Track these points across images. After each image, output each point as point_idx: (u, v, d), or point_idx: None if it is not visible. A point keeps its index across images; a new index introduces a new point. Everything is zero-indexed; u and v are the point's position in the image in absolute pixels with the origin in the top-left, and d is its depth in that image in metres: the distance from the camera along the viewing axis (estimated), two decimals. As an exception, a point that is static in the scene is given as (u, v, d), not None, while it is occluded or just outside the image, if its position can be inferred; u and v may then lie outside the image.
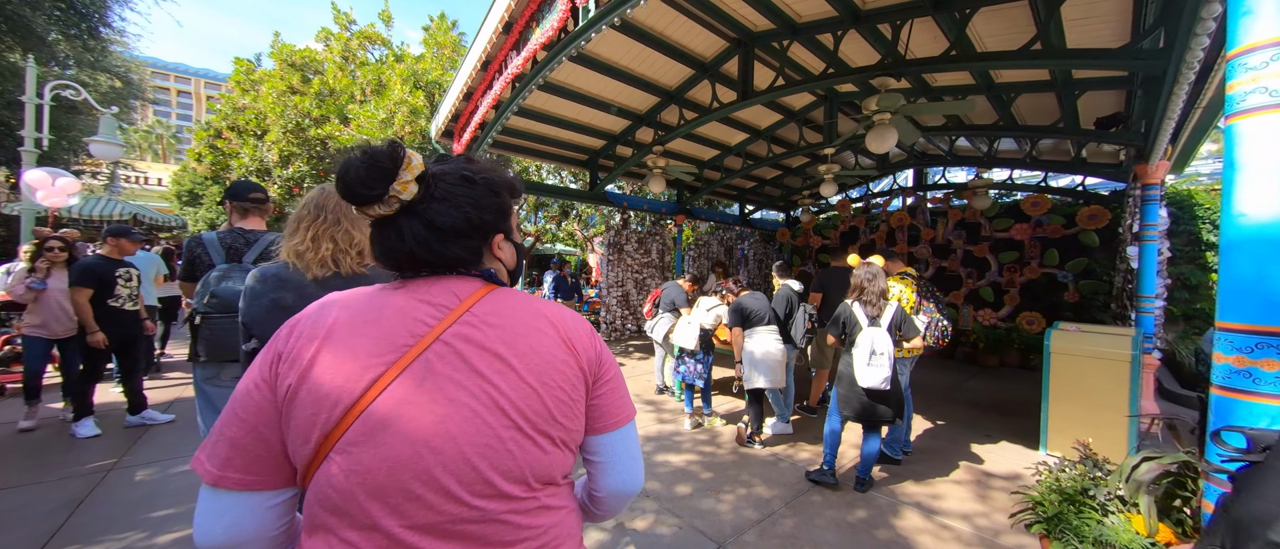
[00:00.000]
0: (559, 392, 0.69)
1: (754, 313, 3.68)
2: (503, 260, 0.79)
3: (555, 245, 18.29)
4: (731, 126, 7.00)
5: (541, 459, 0.66)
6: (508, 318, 0.70)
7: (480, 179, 0.73)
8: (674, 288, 4.95)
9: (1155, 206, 4.17)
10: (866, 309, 2.95)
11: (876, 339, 2.83)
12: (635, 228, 8.22)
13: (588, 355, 0.75)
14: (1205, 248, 6.72)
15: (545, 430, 0.67)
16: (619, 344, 8.25)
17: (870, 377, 2.81)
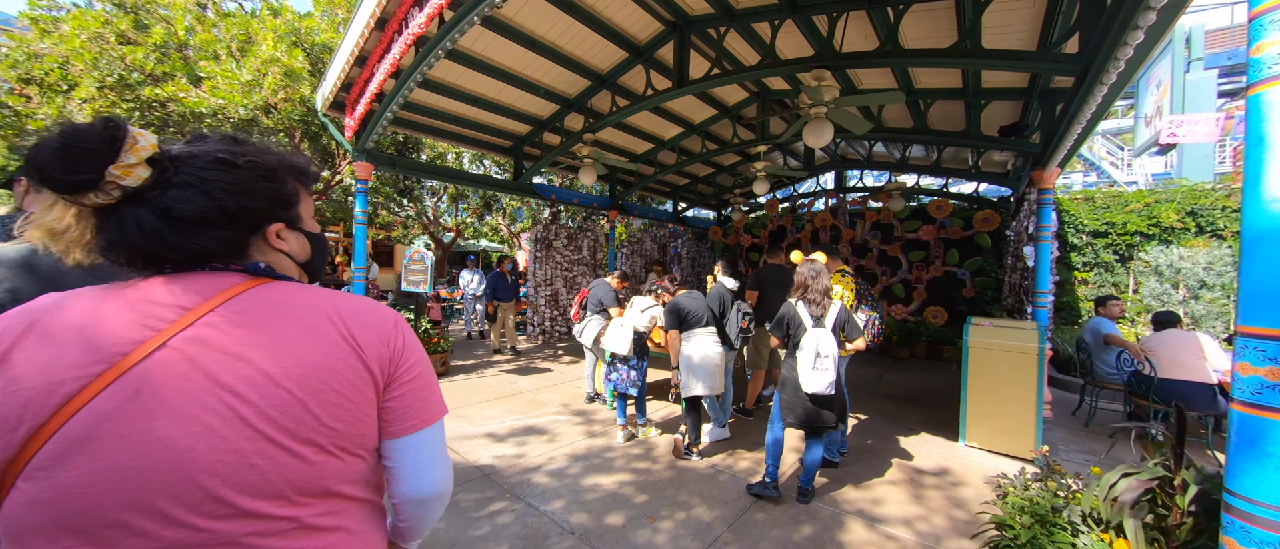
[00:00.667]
0: (330, 394, 0.64)
1: (691, 314, 3.39)
2: (288, 253, 0.74)
3: (479, 241, 17.01)
4: (666, 119, 6.75)
5: (304, 471, 0.62)
6: (267, 316, 0.65)
7: (245, 162, 0.67)
8: (602, 286, 4.56)
9: (1049, 209, 4.52)
10: (810, 309, 2.76)
11: (821, 341, 2.65)
12: (566, 222, 7.70)
13: (377, 353, 0.69)
14: (1070, 249, 7.67)
15: (309, 438, 0.62)
16: (548, 347, 7.67)
17: (815, 381, 2.62)
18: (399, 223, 13.42)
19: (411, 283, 5.02)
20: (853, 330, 2.74)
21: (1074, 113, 3.08)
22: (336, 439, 0.64)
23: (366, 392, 0.67)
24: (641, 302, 3.76)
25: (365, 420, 0.67)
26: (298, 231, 0.74)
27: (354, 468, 0.67)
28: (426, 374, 0.75)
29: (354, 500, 0.68)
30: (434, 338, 5.50)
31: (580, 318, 4.69)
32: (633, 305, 3.78)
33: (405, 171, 5.64)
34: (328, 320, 0.66)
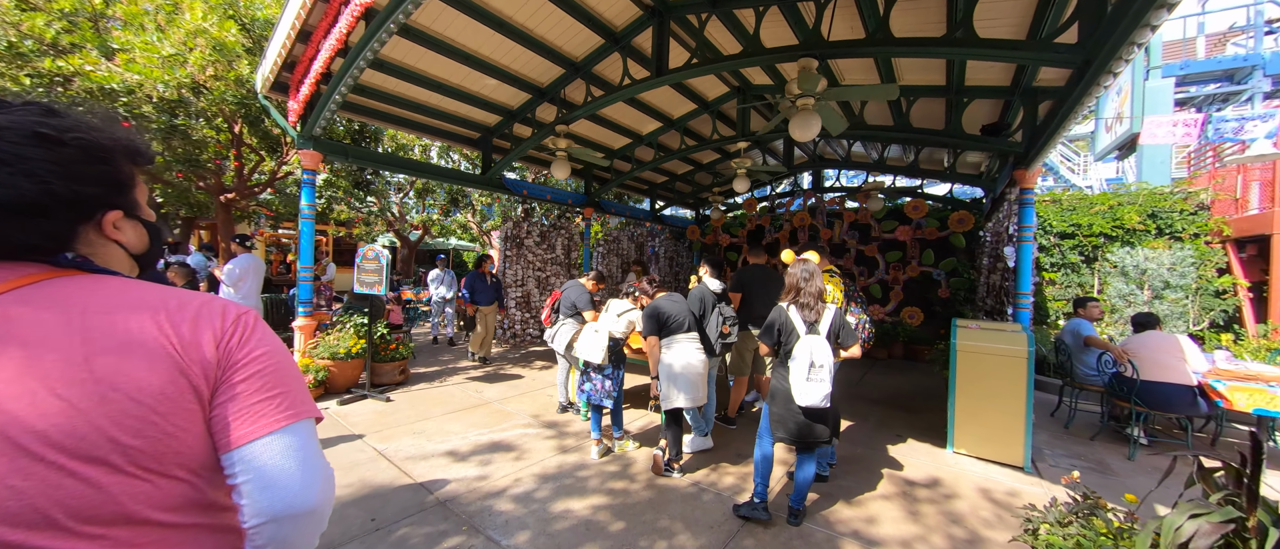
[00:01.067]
0: (128, 404, 0.55)
1: (672, 318, 3.12)
2: (123, 244, 0.67)
3: (448, 239, 16.33)
4: (643, 112, 6.47)
5: (87, 495, 0.53)
6: (55, 313, 0.56)
7: (72, 138, 0.60)
8: (576, 289, 4.24)
9: (1032, 209, 4.46)
10: (803, 313, 2.53)
11: (815, 349, 2.42)
12: (538, 220, 7.32)
13: (201, 355, 0.61)
14: (1040, 250, 7.80)
15: (95, 455, 0.54)
16: (518, 352, 7.27)
17: (810, 393, 2.39)
18: (360, 220, 12.67)
19: (365, 284, 4.56)
20: (848, 336, 2.53)
21: (1071, 106, 2.96)
22: (137, 457, 0.56)
23: (183, 401, 0.59)
24: (618, 305, 3.47)
25: (181, 434, 0.59)
26: (135, 220, 0.68)
27: (169, 491, 0.59)
28: (277, 371, 0.66)
29: (175, 528, 0.60)
30: (392, 344, 5.05)
31: (552, 321, 4.35)
32: (608, 309, 3.48)
33: (361, 163, 5.17)
34: (141, 319, 0.59)
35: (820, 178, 9.61)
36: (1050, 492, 3.12)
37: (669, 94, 6.18)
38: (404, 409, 4.33)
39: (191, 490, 0.60)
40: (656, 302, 3.16)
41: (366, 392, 4.57)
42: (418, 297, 10.44)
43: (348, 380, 4.73)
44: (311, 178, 4.66)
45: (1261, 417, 3.44)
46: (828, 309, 2.53)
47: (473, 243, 15.95)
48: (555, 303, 4.38)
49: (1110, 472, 3.52)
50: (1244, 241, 6.71)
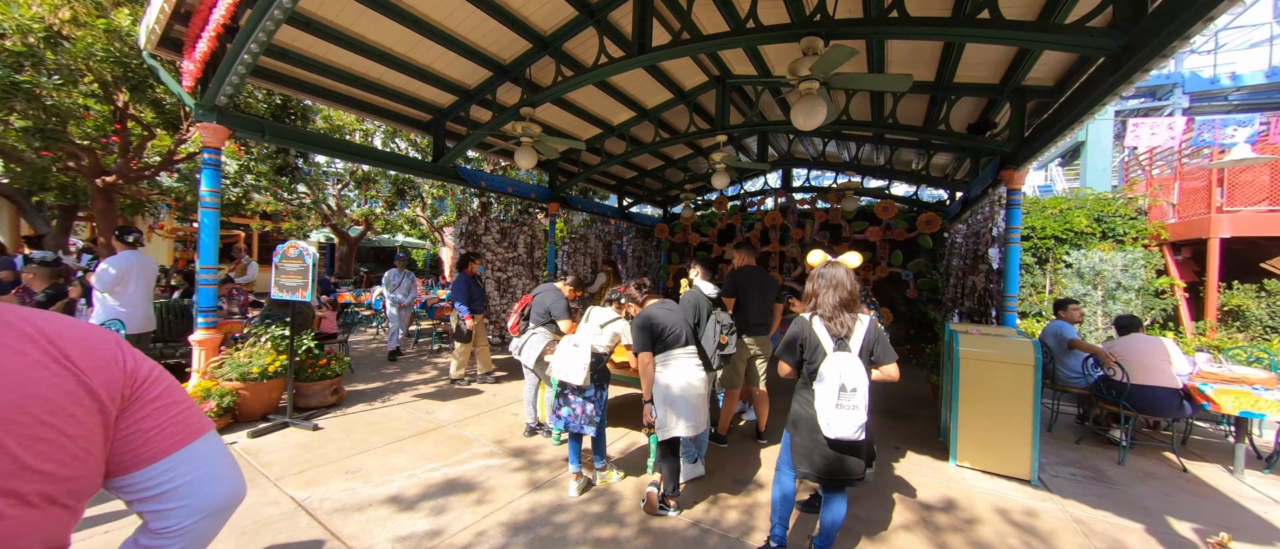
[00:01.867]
0: (35, 428, 0.53)
1: (668, 330, 2.65)
2: None
3: (395, 236, 14.99)
4: (617, 100, 5.96)
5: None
6: None
7: None
8: (551, 293, 3.69)
9: (1019, 210, 4.38)
10: (830, 326, 2.13)
11: (847, 369, 2.03)
12: (497, 217, 6.63)
13: (106, 376, 0.60)
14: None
15: (3, 486, 0.50)
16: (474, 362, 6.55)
17: (841, 422, 2.00)
18: (289, 212, 11.27)
19: (285, 288, 3.76)
20: (885, 352, 2.16)
21: (1097, 100, 2.76)
22: (45, 486, 0.53)
23: (91, 419, 0.58)
24: (600, 314, 2.96)
25: (87, 460, 0.58)
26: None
27: (55, 522, 0.56)
28: (173, 388, 0.69)
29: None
30: (322, 359, 4.25)
31: (520, 330, 3.76)
32: (589, 319, 2.96)
33: (282, 142, 4.33)
34: (29, 338, 0.57)
35: (789, 177, 9.50)
36: (1064, 508, 2.94)
37: (645, 80, 5.71)
38: (336, 440, 3.59)
39: (71, 525, 0.59)
40: (649, 310, 2.68)
41: (288, 419, 3.78)
42: (358, 300, 9.36)
43: (264, 405, 3.90)
44: (215, 158, 3.80)
45: (1243, 418, 3.45)
46: (860, 321, 2.15)
47: (422, 240, 14.71)
48: (524, 309, 3.80)
49: (1108, 479, 3.43)
50: (1179, 244, 7.17)
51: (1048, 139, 3.68)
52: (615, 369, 3.35)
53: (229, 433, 3.62)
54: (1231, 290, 6.26)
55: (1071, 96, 3.51)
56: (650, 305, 2.74)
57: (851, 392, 2.03)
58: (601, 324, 2.90)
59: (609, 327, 2.89)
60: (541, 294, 3.76)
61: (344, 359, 4.46)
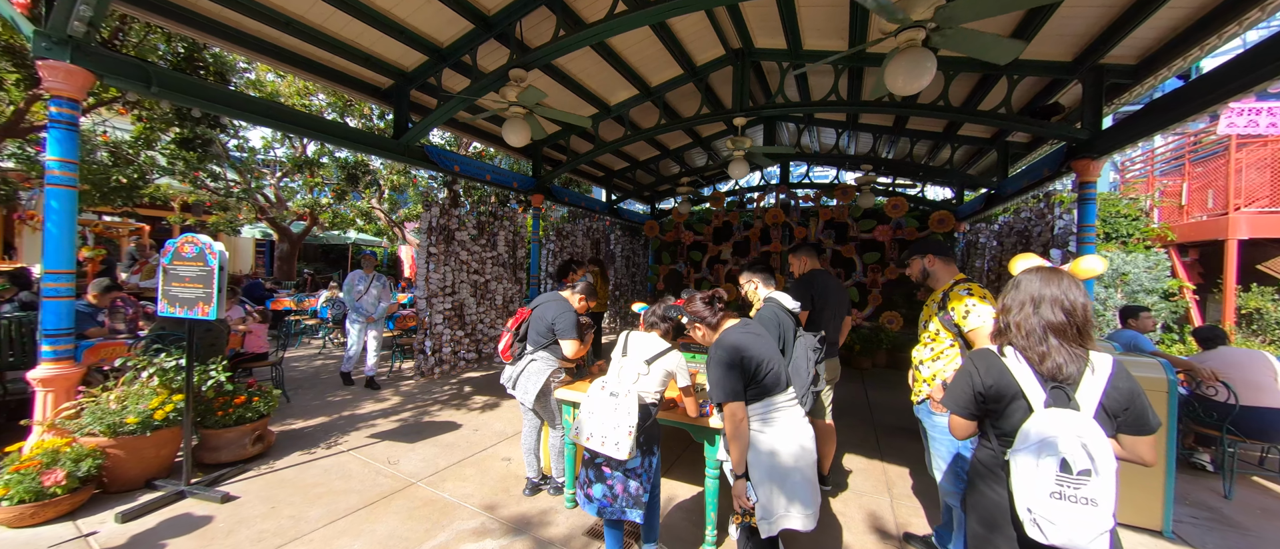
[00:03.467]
0: None
1: (765, 367, 1.81)
2: None
3: (347, 232, 13.35)
4: (618, 72, 5.06)
5: None
6: None
7: None
8: (555, 304, 2.78)
9: (1094, 206, 3.84)
10: (1042, 365, 1.36)
11: (1074, 438, 1.25)
12: (474, 208, 5.56)
13: None
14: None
15: None
16: (447, 384, 5.48)
17: (1063, 523, 1.24)
18: (213, 204, 9.61)
19: (177, 301, 2.65)
20: (1140, 419, 1.38)
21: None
22: None
23: None
24: (644, 343, 2.08)
25: None
26: None
27: None
28: None
29: None
30: (238, 397, 3.13)
31: (514, 355, 2.82)
32: (629, 351, 2.08)
33: (179, 97, 3.17)
34: None
35: (787, 172, 8.89)
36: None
37: (653, 50, 4.85)
38: (254, 518, 2.52)
39: None
40: (733, 338, 1.83)
41: (185, 487, 2.67)
42: (301, 306, 7.98)
43: (149, 467, 2.77)
44: (68, 114, 2.63)
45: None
46: (1097, 361, 1.38)
47: (378, 237, 13.15)
48: (520, 327, 2.85)
49: (1232, 522, 2.89)
50: (1187, 246, 7.04)
51: (1160, 124, 3.10)
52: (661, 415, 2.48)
53: (89, 514, 2.48)
54: (1248, 292, 6.10)
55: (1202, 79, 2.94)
56: (731, 330, 1.89)
57: (1089, 477, 1.25)
58: (648, 359, 2.02)
59: (659, 363, 2.02)
60: (543, 306, 2.83)
61: (272, 394, 3.34)
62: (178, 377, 2.86)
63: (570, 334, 2.68)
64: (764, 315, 2.32)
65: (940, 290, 2.17)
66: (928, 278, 2.24)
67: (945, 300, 2.08)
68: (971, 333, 1.94)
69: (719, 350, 1.81)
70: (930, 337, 2.16)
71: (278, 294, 8.20)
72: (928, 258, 2.24)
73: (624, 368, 2.02)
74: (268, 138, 10.75)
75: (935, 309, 2.14)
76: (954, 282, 2.12)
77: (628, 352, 2.07)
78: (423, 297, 4.90)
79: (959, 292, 2.03)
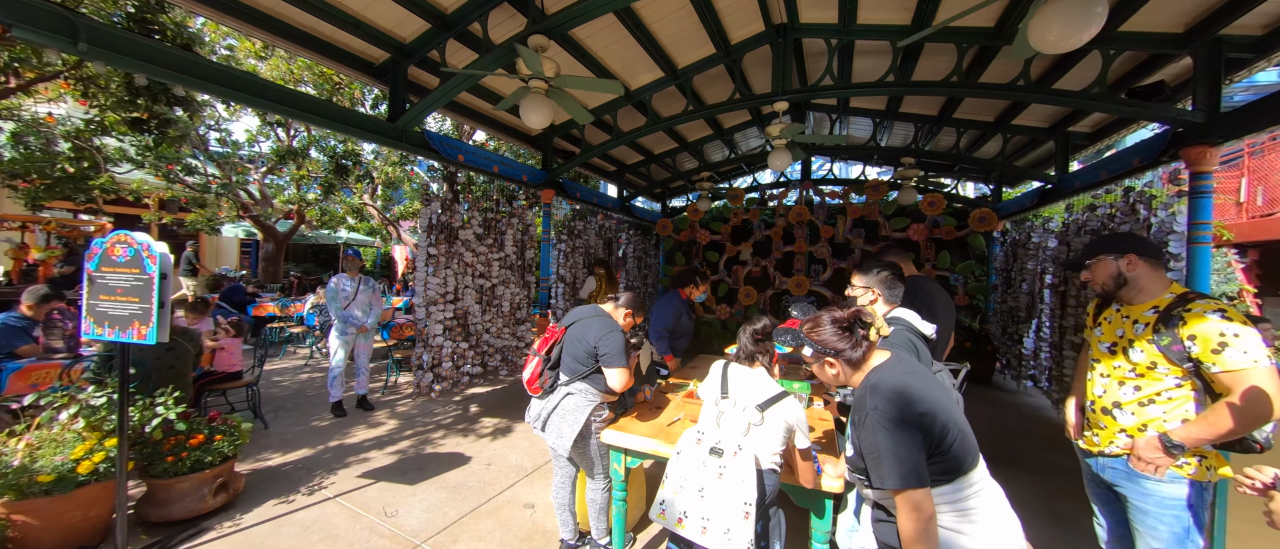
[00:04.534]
0: None
1: (951, 425, 1.22)
2: None
3: (338, 232, 12.62)
4: (644, 48, 4.45)
5: None
6: None
7: None
8: (598, 322, 2.19)
9: (1208, 201, 3.30)
10: None
11: None
12: (478, 203, 4.93)
13: None
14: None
15: None
16: (449, 403, 4.85)
17: None
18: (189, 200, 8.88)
19: (104, 318, 2.02)
20: None
21: None
22: None
23: None
24: (751, 382, 1.50)
25: None
26: None
27: None
28: None
29: None
30: (195, 437, 2.50)
31: (543, 385, 2.21)
32: (730, 390, 1.50)
33: (119, 61, 2.53)
34: None
35: (808, 167, 8.35)
36: None
37: (685, 21, 4.26)
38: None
39: None
40: (890, 377, 1.24)
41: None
42: (286, 312, 7.31)
43: (71, 535, 2.14)
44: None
45: None
46: None
47: (371, 236, 12.43)
48: (551, 347, 2.25)
49: None
50: (1245, 246, 6.57)
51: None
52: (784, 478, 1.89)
53: (-19, 606, 1.85)
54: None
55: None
56: (886, 368, 1.31)
57: None
58: (761, 405, 1.44)
59: (777, 412, 1.44)
60: (582, 325, 2.23)
61: (241, 428, 2.71)
62: (112, 416, 2.23)
63: (619, 360, 2.09)
64: (893, 346, 1.75)
65: (1147, 305, 1.60)
66: (1124, 286, 1.65)
67: (1171, 321, 1.50)
68: (1230, 375, 1.36)
69: (882, 401, 1.22)
70: (1139, 370, 1.58)
71: (260, 298, 7.51)
72: (1126, 259, 1.65)
73: (727, 416, 1.43)
74: (252, 131, 10.03)
75: (1145, 331, 1.57)
76: (1178, 296, 1.55)
77: (728, 390, 1.48)
78: (421, 305, 4.27)
79: (1201, 311, 1.45)
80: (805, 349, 1.43)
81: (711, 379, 1.55)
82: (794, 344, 1.43)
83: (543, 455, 3.49)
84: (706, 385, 1.56)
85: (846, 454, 1.39)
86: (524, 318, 5.43)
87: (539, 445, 3.69)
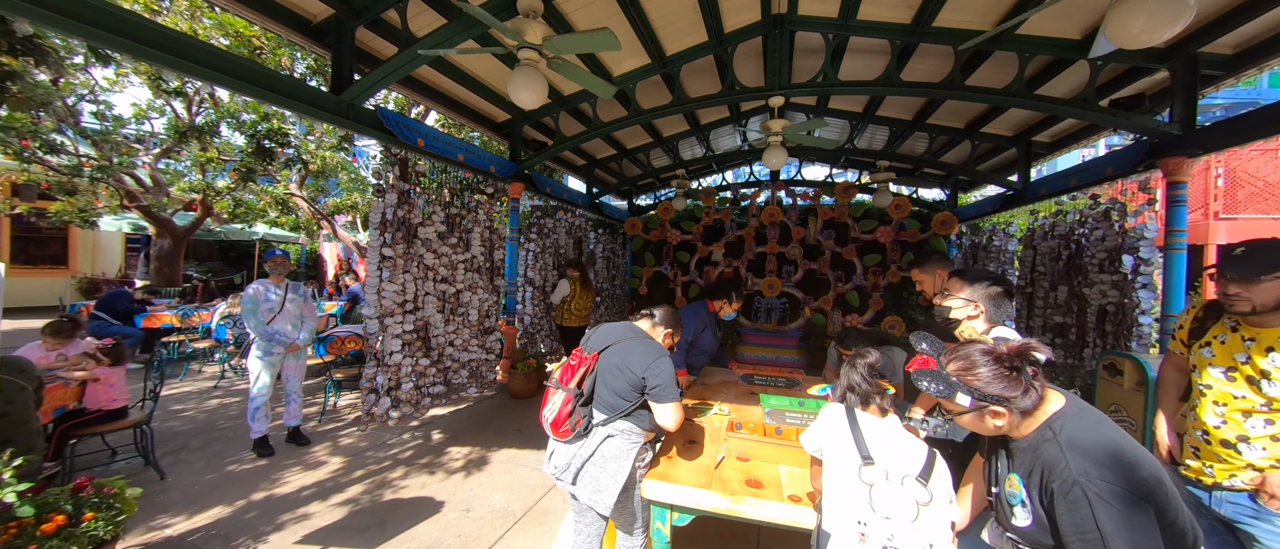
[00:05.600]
0: None
1: (1173, 494, 0.93)
2: None
3: (253, 226, 10.92)
4: (635, 32, 4.05)
5: None
6: None
7: None
8: (643, 347, 1.79)
9: (1184, 209, 3.47)
10: None
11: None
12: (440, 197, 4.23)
13: None
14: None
15: None
16: (407, 431, 4.15)
17: None
18: (53, 185, 7.21)
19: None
20: None
21: None
22: None
23: None
24: (895, 440, 1.16)
25: None
26: None
27: None
28: None
29: None
30: (53, 520, 1.76)
31: (574, 429, 1.75)
32: (873, 451, 1.13)
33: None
34: None
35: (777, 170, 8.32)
36: None
37: (682, 3, 3.91)
38: None
39: None
40: (1089, 434, 0.95)
41: None
42: (188, 322, 6.10)
43: None
44: None
45: None
46: None
47: (295, 232, 10.88)
48: (584, 375, 1.79)
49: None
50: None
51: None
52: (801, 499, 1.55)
53: None
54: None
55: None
56: (1077, 419, 1.02)
57: None
58: (921, 475, 1.09)
59: (939, 480, 1.11)
60: (622, 349, 1.79)
61: (124, 496, 1.98)
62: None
63: (672, 392, 1.68)
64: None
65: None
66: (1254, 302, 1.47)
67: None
68: None
69: (1094, 468, 0.92)
70: (1275, 405, 1.41)
71: (153, 306, 6.21)
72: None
73: (882, 494, 1.07)
74: (140, 106, 8.34)
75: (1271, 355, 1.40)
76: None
77: (873, 456, 1.12)
78: (373, 315, 3.57)
79: None
80: (960, 397, 1.11)
81: (832, 431, 1.19)
82: (941, 391, 1.10)
83: (530, 493, 2.98)
84: (825, 438, 1.21)
85: (1020, 526, 1.09)
86: (493, 327, 4.82)
87: (525, 480, 3.18)
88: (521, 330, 5.72)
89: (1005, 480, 1.16)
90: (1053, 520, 1.02)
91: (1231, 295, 1.43)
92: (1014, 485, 1.12)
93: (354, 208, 7.70)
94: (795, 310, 7.83)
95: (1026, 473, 1.10)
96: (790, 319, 7.88)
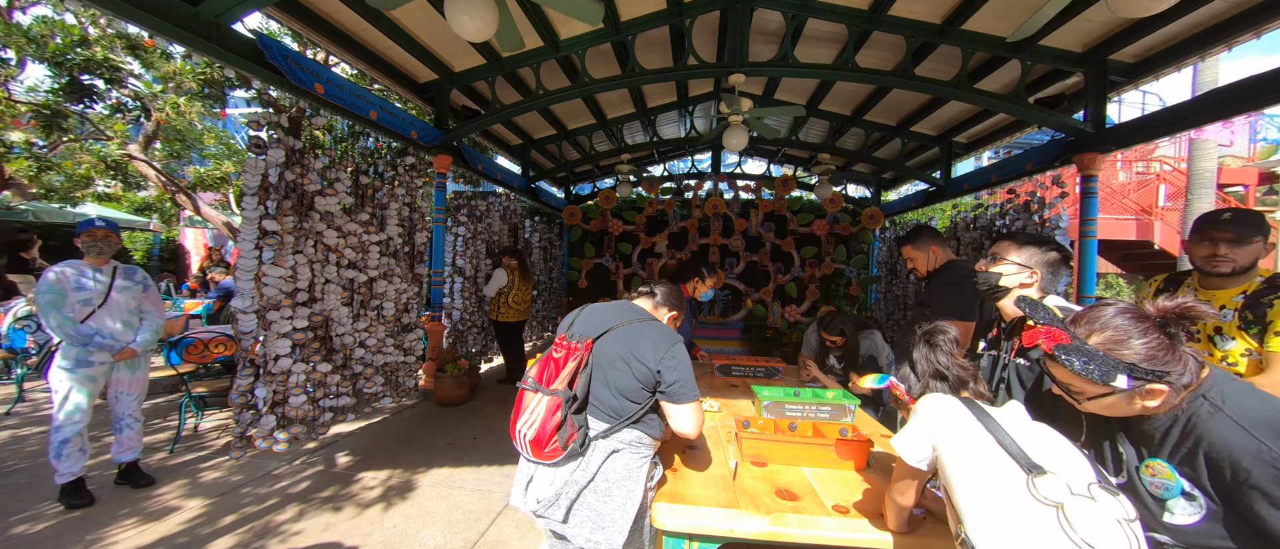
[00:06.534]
0: None
1: None
2: None
3: (83, 205, 8.45)
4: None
5: None
6: None
7: None
8: (653, 332, 1.40)
9: (1095, 201, 3.83)
10: None
11: None
12: (344, 163, 3.38)
13: None
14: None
15: None
16: (301, 456, 3.29)
17: None
18: None
19: None
20: None
21: None
22: None
23: None
24: (1045, 436, 0.86)
25: None
26: None
27: None
28: None
29: None
30: None
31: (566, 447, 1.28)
32: (1030, 450, 0.83)
33: None
34: None
35: (718, 160, 8.33)
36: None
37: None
38: None
39: None
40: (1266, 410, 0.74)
41: None
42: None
43: None
44: None
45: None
46: None
47: (141, 215, 8.64)
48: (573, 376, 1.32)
49: None
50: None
51: (1174, 128, 3.04)
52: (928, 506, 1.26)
53: None
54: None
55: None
56: (1237, 387, 0.81)
57: None
58: (1092, 486, 0.82)
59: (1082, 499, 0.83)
60: (626, 334, 1.35)
61: None
62: None
63: (691, 390, 1.29)
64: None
65: (1236, 290, 1.49)
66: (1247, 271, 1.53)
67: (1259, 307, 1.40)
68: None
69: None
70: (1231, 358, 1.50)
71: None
72: (1267, 241, 1.54)
73: (1077, 511, 0.77)
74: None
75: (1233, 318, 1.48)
76: (1266, 282, 1.46)
77: (1042, 463, 0.82)
78: (250, 309, 2.72)
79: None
80: (1119, 378, 0.86)
81: (954, 434, 0.88)
82: (1098, 374, 0.84)
83: (473, 523, 2.42)
84: (944, 444, 0.89)
85: (1184, 524, 0.86)
86: (414, 324, 4.05)
87: (464, 506, 2.58)
88: (449, 327, 4.95)
89: (1142, 470, 0.94)
90: (1235, 509, 0.81)
91: (1220, 256, 1.49)
92: (1165, 474, 0.90)
93: (226, 181, 6.10)
94: (738, 302, 7.86)
95: (1178, 458, 0.88)
96: (733, 311, 7.89)
